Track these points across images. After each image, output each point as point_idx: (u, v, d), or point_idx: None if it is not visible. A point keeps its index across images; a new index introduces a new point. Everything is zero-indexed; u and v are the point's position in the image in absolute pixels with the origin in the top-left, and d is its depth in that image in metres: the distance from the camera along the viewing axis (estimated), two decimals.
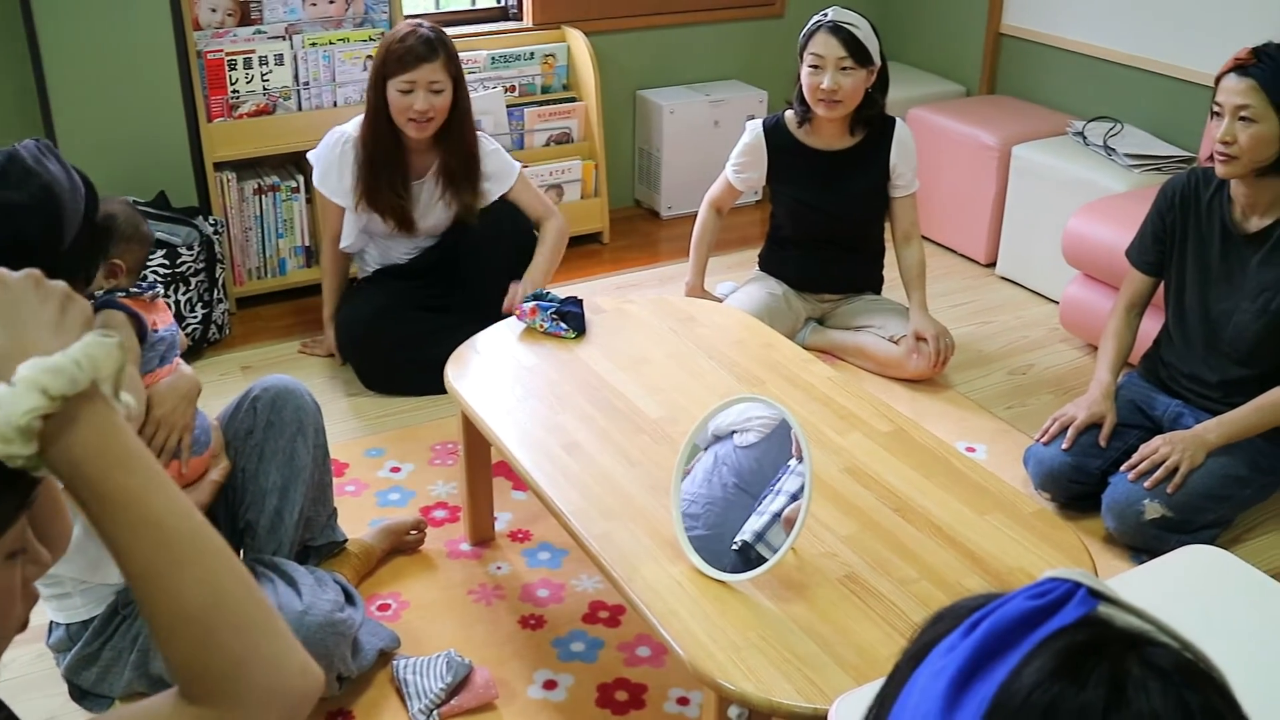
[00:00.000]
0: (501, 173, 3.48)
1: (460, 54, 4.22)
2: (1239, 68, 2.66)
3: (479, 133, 3.47)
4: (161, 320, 2.26)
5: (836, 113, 3.41)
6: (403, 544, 2.77)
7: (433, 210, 3.45)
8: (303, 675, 0.91)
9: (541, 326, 2.77)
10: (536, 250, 3.50)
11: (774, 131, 3.56)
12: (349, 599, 2.35)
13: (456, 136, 3.36)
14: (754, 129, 3.59)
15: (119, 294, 2.17)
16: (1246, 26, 3.64)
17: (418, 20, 3.40)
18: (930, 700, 0.68)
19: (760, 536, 1.96)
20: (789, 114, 3.55)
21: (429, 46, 3.24)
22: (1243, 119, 2.65)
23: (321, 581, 2.30)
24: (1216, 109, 2.70)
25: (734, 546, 1.97)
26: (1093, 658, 0.64)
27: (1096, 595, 0.68)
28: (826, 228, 3.60)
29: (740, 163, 3.63)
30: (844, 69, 3.34)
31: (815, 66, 3.36)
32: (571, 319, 2.76)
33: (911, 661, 0.73)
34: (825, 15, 3.38)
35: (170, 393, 2.22)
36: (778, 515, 1.95)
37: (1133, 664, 0.63)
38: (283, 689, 0.89)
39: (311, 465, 2.42)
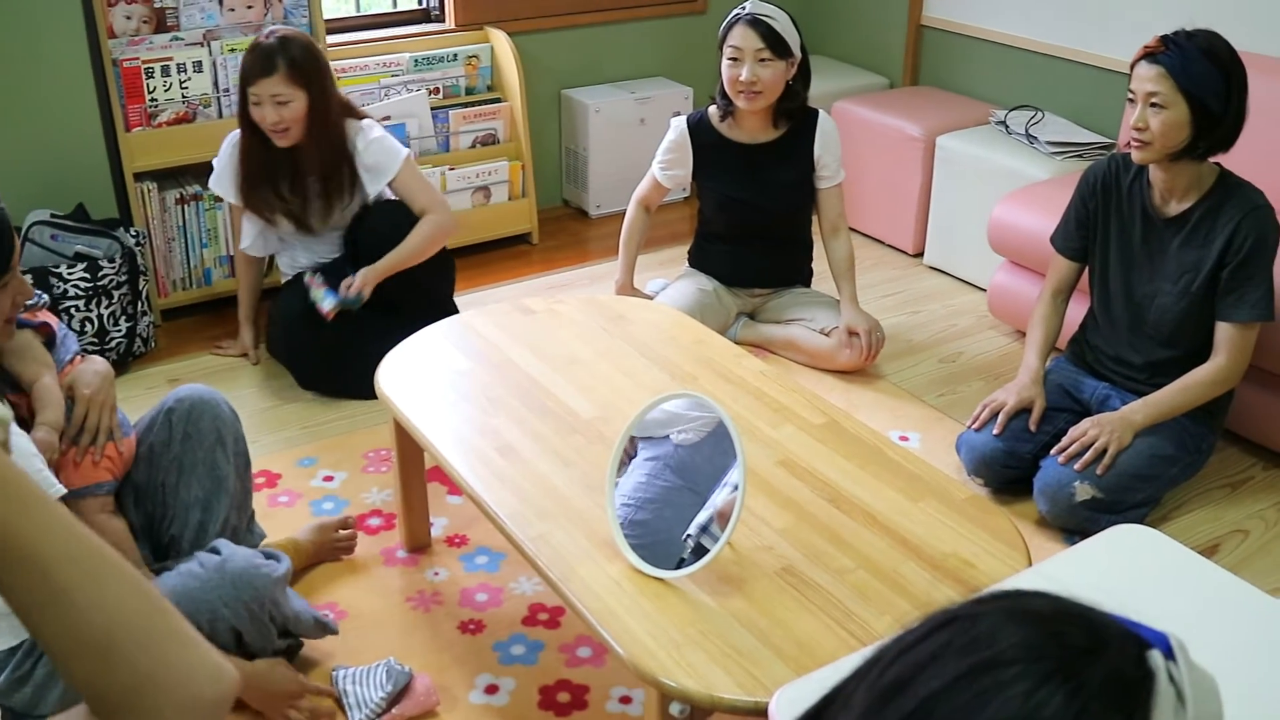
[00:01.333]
0: (381, 165, 3.42)
1: (383, 57, 4.22)
2: (1149, 55, 2.70)
3: (364, 120, 3.44)
4: (52, 321, 2.29)
5: (757, 104, 3.43)
6: (333, 543, 2.74)
7: (330, 208, 3.42)
8: (215, 682, 0.87)
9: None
10: (403, 240, 3.40)
11: (698, 127, 3.57)
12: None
13: (320, 138, 3.32)
14: (678, 125, 3.59)
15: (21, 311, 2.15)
16: (1161, 15, 3.70)
17: (276, 27, 3.34)
18: None
19: (705, 531, 1.96)
20: (712, 109, 3.56)
21: (267, 60, 3.21)
22: (1154, 105, 2.69)
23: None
24: (1131, 96, 2.74)
25: (685, 544, 1.97)
26: None
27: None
28: (754, 221, 3.61)
29: (666, 160, 3.63)
30: (762, 60, 3.35)
31: (734, 59, 3.38)
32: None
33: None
34: (744, 8, 3.39)
35: (90, 374, 2.23)
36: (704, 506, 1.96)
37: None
38: (196, 698, 0.86)
39: (233, 476, 2.39)
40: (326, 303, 3.30)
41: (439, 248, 3.48)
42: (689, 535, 1.97)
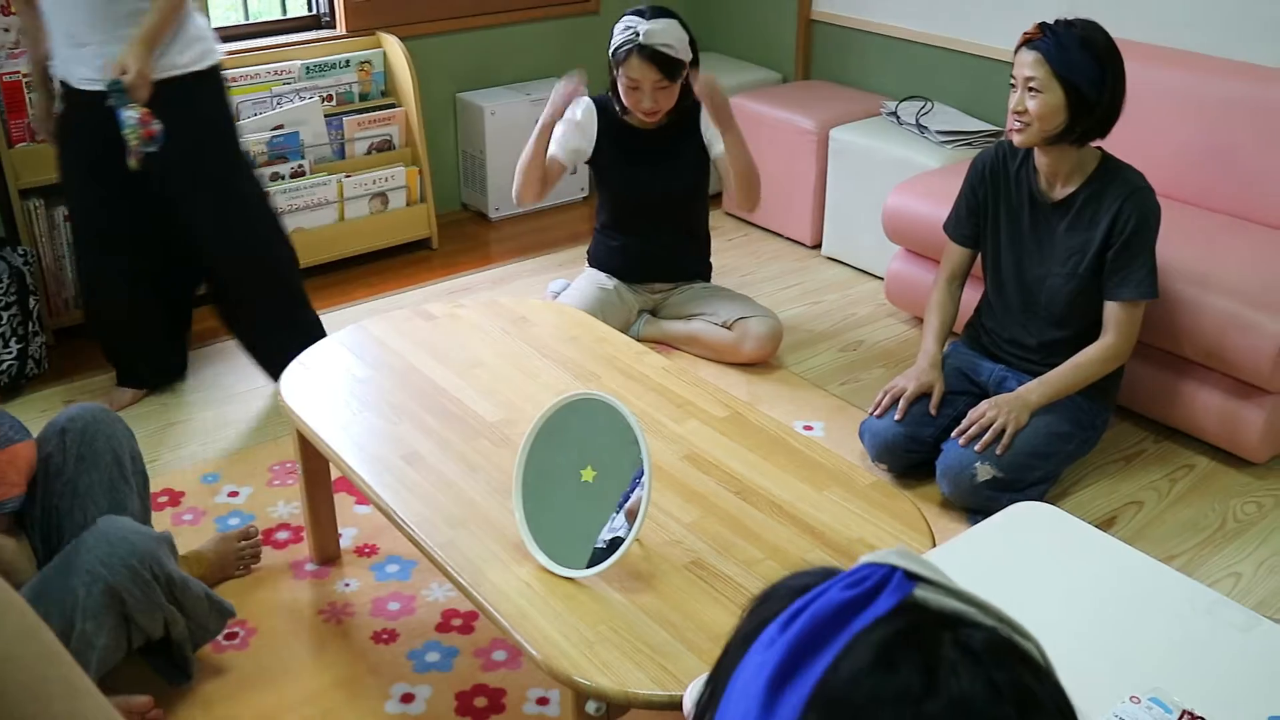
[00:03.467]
0: None
1: (274, 64, 4.18)
2: (1029, 42, 2.78)
3: None
4: None
5: (656, 120, 3.48)
6: (236, 554, 2.71)
7: None
8: None
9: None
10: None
11: (603, 108, 3.56)
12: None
13: None
14: (584, 102, 3.55)
15: None
16: (1044, 4, 3.79)
17: None
18: (750, 699, 0.67)
19: (614, 531, 1.97)
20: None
21: None
22: (1031, 89, 2.77)
23: None
24: (1012, 81, 2.82)
25: (599, 545, 1.97)
26: (907, 646, 0.64)
27: (913, 577, 0.67)
28: (653, 206, 3.62)
29: (565, 132, 3.55)
30: (661, 88, 3.38)
31: (633, 88, 3.39)
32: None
33: (743, 643, 0.72)
34: (636, 32, 3.33)
35: None
36: (621, 508, 1.96)
37: (946, 647, 0.63)
38: None
39: (133, 496, 2.35)
40: (130, 136, 2.97)
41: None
42: (604, 539, 1.98)
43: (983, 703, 0.62)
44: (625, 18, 3.39)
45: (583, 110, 3.56)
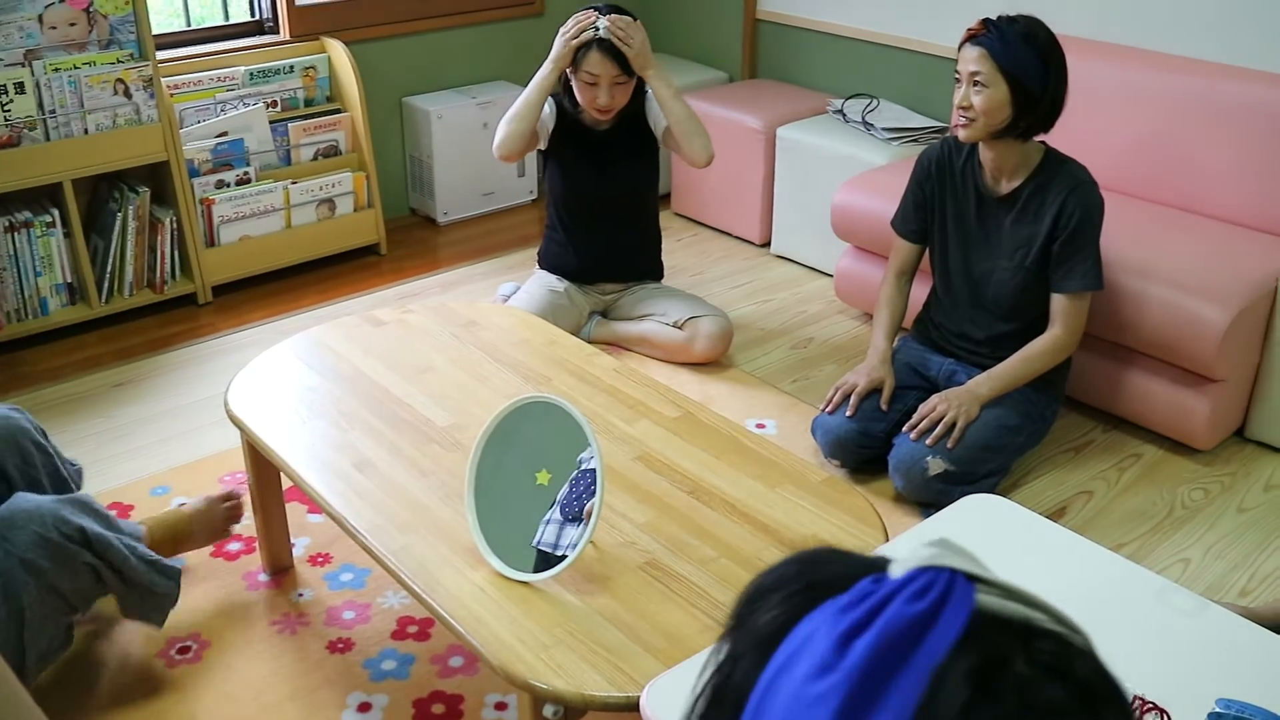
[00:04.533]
0: None
1: (217, 71, 4.14)
2: (972, 38, 2.81)
3: None
4: None
5: (609, 118, 3.49)
6: (223, 515, 2.64)
7: None
8: None
9: None
10: None
11: (562, 104, 3.57)
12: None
13: None
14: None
15: None
16: (985, 0, 3.82)
17: None
18: None
19: (558, 535, 1.96)
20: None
21: None
22: (976, 84, 2.80)
23: None
24: (957, 77, 2.84)
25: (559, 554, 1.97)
26: (1001, 672, 0.59)
27: (971, 578, 0.62)
28: (604, 207, 3.62)
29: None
30: (619, 84, 3.40)
31: (591, 84, 3.40)
32: None
33: (761, 647, 0.63)
34: (598, 26, 3.36)
35: None
36: (568, 512, 1.96)
37: (1023, 664, 0.59)
38: None
39: (42, 475, 2.35)
40: None
41: None
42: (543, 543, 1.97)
43: (1068, 712, 0.59)
44: (579, 13, 3.41)
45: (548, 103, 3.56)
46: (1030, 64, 2.75)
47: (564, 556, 1.92)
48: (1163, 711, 1.41)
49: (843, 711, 0.57)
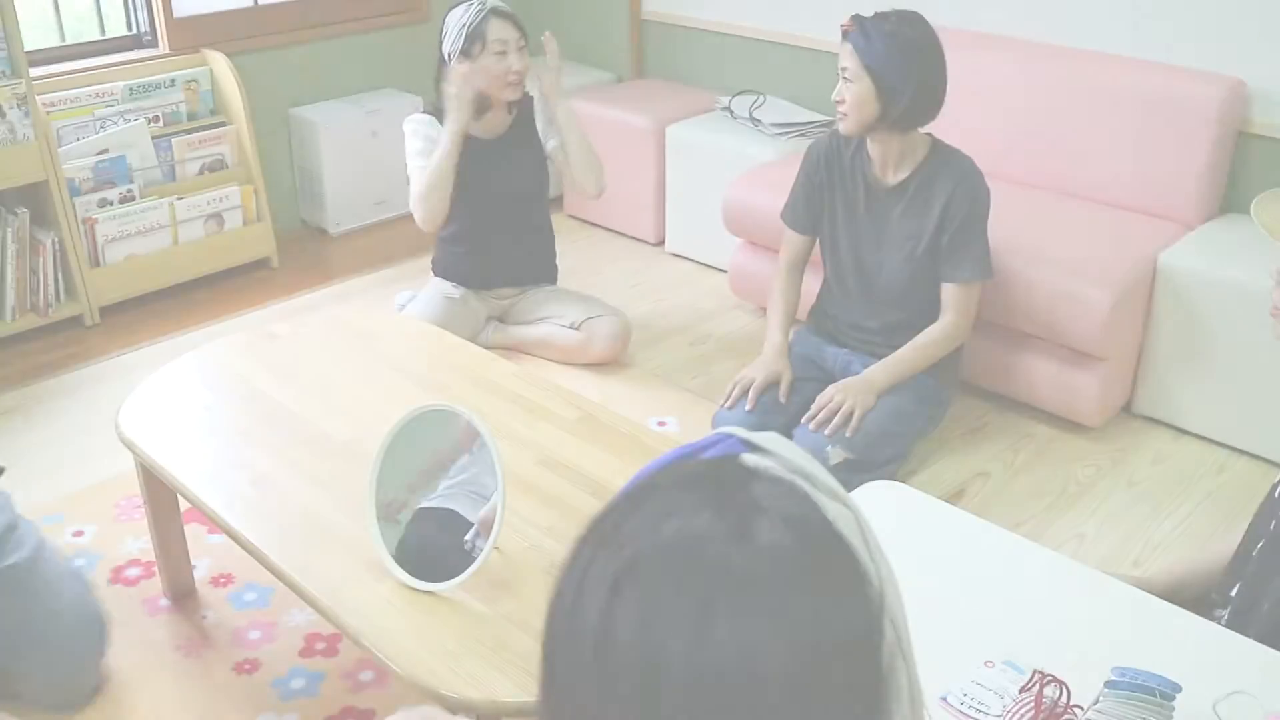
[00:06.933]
0: None
1: (95, 86, 4.04)
2: (844, 34, 2.86)
3: None
4: None
5: (518, 93, 3.49)
6: None
7: None
8: None
9: None
10: None
11: (441, 118, 3.53)
12: None
13: None
14: (424, 117, 3.55)
15: None
16: None
17: None
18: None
19: (472, 540, 1.96)
20: None
21: None
22: (846, 79, 2.86)
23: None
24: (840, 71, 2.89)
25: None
26: (712, 483, 0.75)
27: (749, 445, 0.79)
28: (497, 210, 3.60)
29: (426, 145, 3.51)
30: (521, 48, 3.43)
31: (501, 52, 3.39)
32: None
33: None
34: (483, 3, 3.40)
35: None
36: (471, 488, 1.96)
37: (742, 492, 0.74)
38: None
39: None
40: None
41: None
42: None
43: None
44: (455, 9, 3.43)
45: (427, 123, 3.53)
46: (892, 59, 2.81)
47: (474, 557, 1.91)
48: (1061, 683, 1.45)
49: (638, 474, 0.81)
